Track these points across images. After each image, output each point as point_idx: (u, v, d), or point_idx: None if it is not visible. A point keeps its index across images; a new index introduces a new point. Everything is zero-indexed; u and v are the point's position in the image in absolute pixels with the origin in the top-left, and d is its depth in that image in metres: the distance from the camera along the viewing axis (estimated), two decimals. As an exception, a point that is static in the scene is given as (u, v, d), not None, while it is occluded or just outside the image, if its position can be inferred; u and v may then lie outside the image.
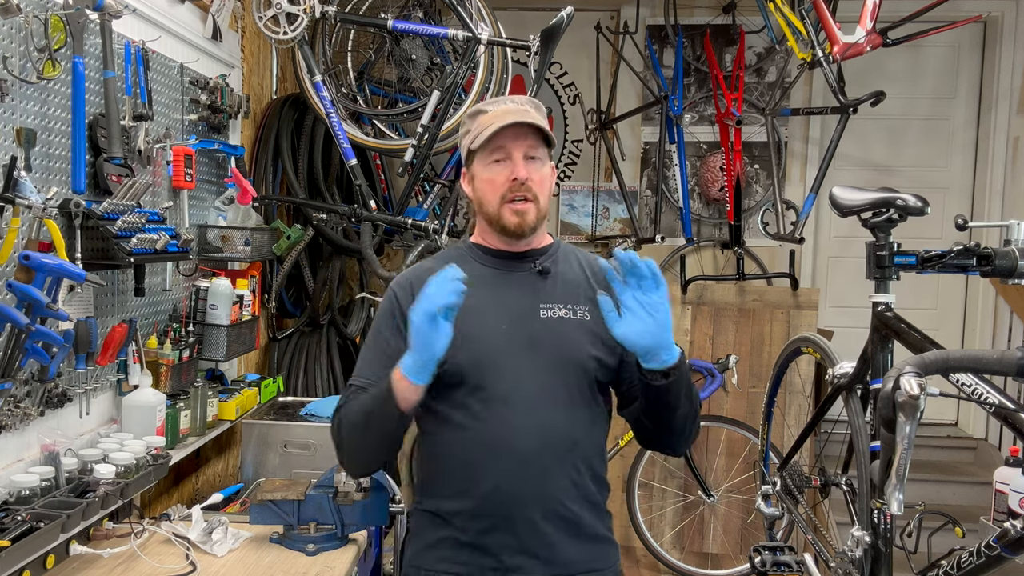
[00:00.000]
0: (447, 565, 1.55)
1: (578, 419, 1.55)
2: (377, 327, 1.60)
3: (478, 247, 1.64)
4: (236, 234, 2.80)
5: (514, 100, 1.59)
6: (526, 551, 1.52)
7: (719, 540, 3.99)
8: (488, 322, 1.54)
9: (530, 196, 1.54)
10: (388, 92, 3.64)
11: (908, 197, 1.83)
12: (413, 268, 1.65)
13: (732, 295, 4.09)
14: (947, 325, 4.62)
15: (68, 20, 1.87)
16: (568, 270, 1.62)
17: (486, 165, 1.56)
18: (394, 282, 1.64)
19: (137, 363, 2.26)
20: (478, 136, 1.54)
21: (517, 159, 1.53)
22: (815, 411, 2.26)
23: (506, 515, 1.51)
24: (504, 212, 1.55)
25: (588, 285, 1.60)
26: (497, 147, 1.54)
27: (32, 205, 1.72)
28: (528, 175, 1.53)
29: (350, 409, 1.54)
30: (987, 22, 4.51)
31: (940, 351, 1.26)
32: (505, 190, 1.54)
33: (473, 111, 1.60)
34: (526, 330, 1.54)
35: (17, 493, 1.71)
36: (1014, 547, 1.36)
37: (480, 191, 1.58)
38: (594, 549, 1.59)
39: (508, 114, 1.53)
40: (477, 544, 1.53)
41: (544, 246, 1.64)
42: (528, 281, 1.59)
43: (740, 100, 4.04)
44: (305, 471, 2.49)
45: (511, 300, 1.57)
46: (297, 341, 3.67)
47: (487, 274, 1.59)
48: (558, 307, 1.57)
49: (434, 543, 1.57)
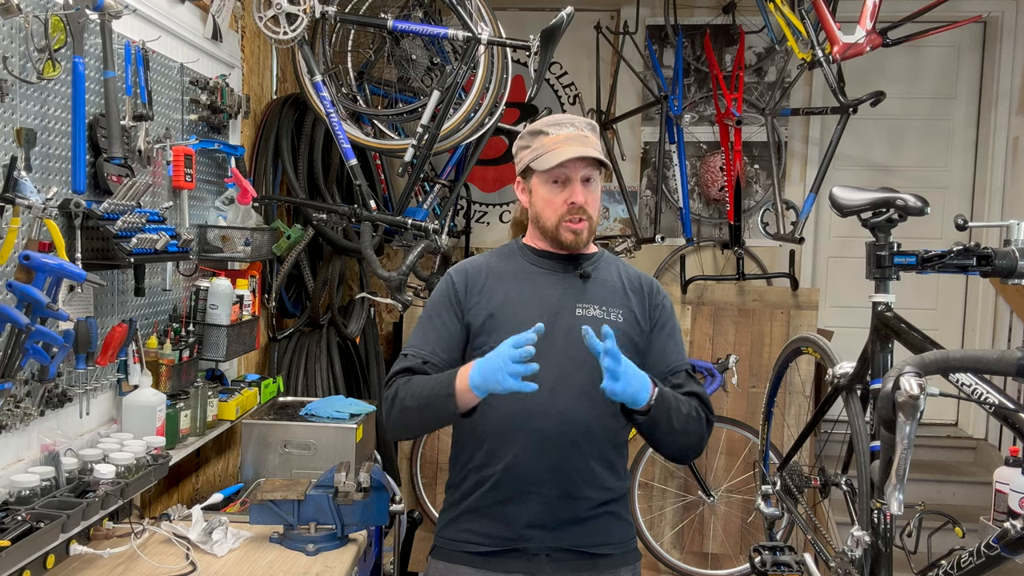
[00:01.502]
0: (469, 536, 1.69)
1: (598, 411, 1.67)
2: (434, 305, 1.76)
3: (528, 247, 1.81)
4: (236, 234, 2.80)
5: (574, 124, 1.72)
6: (539, 524, 1.66)
7: (719, 540, 3.99)
8: (528, 312, 1.68)
9: (585, 217, 1.70)
10: (388, 92, 3.63)
11: (908, 197, 1.83)
12: (468, 259, 1.85)
13: (732, 295, 4.09)
14: (947, 325, 4.62)
15: (68, 20, 1.87)
16: (608, 277, 1.78)
17: (546, 185, 1.71)
18: (452, 268, 1.82)
19: (137, 363, 2.26)
20: (541, 159, 1.68)
21: (576, 185, 1.69)
22: (815, 411, 2.25)
23: (522, 489, 1.66)
24: (561, 230, 1.71)
25: (624, 292, 1.76)
26: (560, 171, 1.68)
27: (32, 205, 1.72)
28: (585, 199, 1.69)
29: (409, 391, 1.64)
30: (987, 22, 4.51)
31: (940, 351, 1.25)
32: (564, 212, 1.70)
33: (534, 129, 1.75)
34: (562, 324, 1.68)
35: (17, 493, 1.71)
36: (1014, 547, 1.36)
37: (539, 207, 1.74)
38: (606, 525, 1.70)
39: (571, 141, 1.68)
40: (493, 514, 1.67)
41: (589, 253, 1.80)
42: (569, 282, 1.75)
43: (740, 100, 4.04)
44: (305, 471, 2.49)
45: (552, 296, 1.72)
46: (297, 341, 3.67)
47: (533, 272, 1.76)
48: (593, 307, 1.72)
49: (459, 516, 1.72)
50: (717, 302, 4.10)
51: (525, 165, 1.74)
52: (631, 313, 1.74)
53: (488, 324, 1.70)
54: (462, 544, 1.70)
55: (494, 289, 1.73)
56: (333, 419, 2.67)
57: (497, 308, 1.71)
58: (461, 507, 1.72)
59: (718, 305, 4.09)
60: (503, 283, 1.74)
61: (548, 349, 1.59)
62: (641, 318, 1.75)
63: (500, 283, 1.74)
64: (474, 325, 1.71)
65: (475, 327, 1.71)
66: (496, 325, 1.68)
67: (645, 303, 1.77)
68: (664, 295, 1.81)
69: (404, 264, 3.13)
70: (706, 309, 4.09)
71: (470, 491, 1.70)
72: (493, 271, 1.77)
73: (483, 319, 1.70)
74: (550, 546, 1.66)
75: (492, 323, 1.69)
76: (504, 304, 1.71)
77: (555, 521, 1.66)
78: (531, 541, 1.66)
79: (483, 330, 1.70)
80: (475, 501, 1.69)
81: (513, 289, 1.73)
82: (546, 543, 1.66)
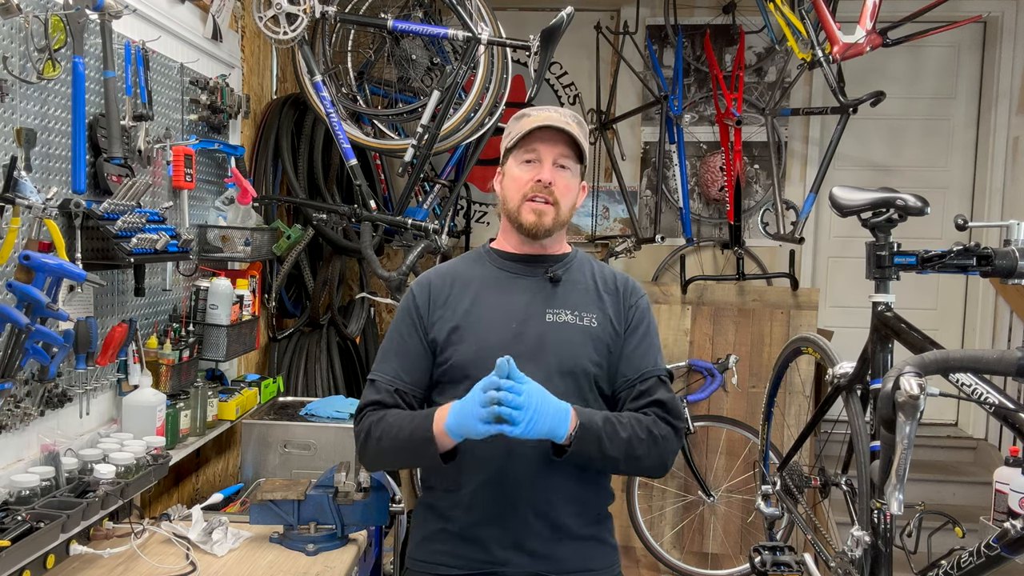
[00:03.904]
0: (441, 557, 1.60)
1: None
2: (397, 324, 1.67)
3: (495, 251, 1.71)
4: (236, 234, 2.80)
5: (559, 111, 1.64)
6: (516, 546, 1.57)
7: (719, 540, 3.99)
8: (495, 322, 1.59)
9: (551, 200, 1.60)
10: (388, 92, 3.63)
11: (908, 197, 1.83)
12: (433, 268, 1.73)
13: (732, 295, 4.10)
14: (947, 325, 4.62)
15: (68, 20, 1.87)
16: (580, 278, 1.67)
17: (518, 165, 1.62)
18: (415, 282, 1.70)
19: (137, 363, 2.26)
20: (513, 135, 1.61)
21: (546, 162, 1.60)
22: (815, 411, 2.25)
23: (497, 510, 1.56)
24: (523, 210, 1.60)
25: (597, 294, 1.66)
26: (530, 148, 1.60)
27: (32, 205, 1.72)
28: (553, 179, 1.59)
29: (385, 431, 1.56)
30: (987, 22, 4.51)
31: (940, 351, 1.25)
32: (528, 189, 1.59)
33: (519, 114, 1.67)
34: (531, 332, 1.59)
35: (17, 493, 1.71)
36: (1014, 547, 1.36)
37: (506, 187, 1.65)
38: (587, 550, 1.61)
39: (548, 119, 1.59)
40: (468, 536, 1.58)
41: (560, 254, 1.69)
42: (538, 286, 1.64)
43: (740, 100, 4.04)
44: (305, 471, 2.49)
45: (519, 303, 1.62)
46: (297, 341, 3.67)
47: (500, 277, 1.66)
48: (564, 312, 1.62)
49: (430, 535, 1.63)
50: (717, 302, 4.10)
51: (503, 150, 1.66)
52: (605, 316, 1.63)
53: (453, 337, 1.59)
54: (435, 566, 1.60)
55: (459, 298, 1.63)
56: (333, 419, 2.67)
57: (462, 319, 1.60)
58: (434, 527, 1.62)
59: (718, 305, 4.09)
60: (468, 291, 1.64)
61: (518, 362, 1.47)
62: (616, 321, 1.64)
63: (465, 291, 1.63)
64: (439, 340, 1.60)
65: (440, 341, 1.60)
66: (461, 337, 1.58)
67: (620, 305, 1.66)
68: (641, 295, 1.69)
69: (404, 264, 3.13)
70: (706, 309, 4.09)
71: (444, 511, 1.61)
72: (460, 278, 1.66)
73: (447, 332, 1.59)
74: (528, 571, 1.56)
75: (457, 335, 1.59)
76: (469, 313, 1.60)
77: (533, 544, 1.56)
78: (508, 565, 1.56)
79: (449, 343, 1.59)
80: (448, 522, 1.60)
81: (479, 297, 1.62)
82: (524, 568, 1.56)
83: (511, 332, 1.58)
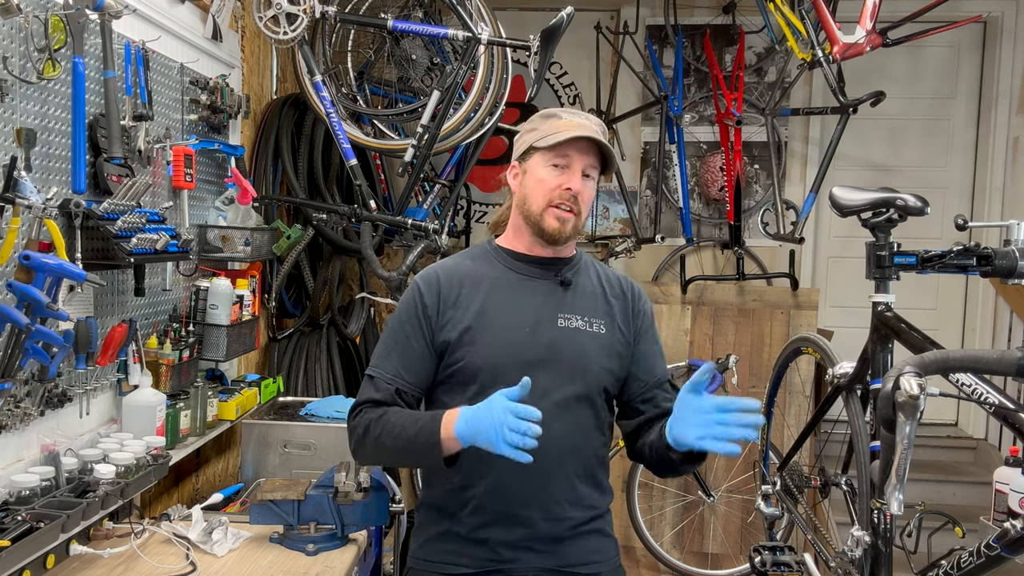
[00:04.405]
0: (447, 556, 1.60)
1: (582, 427, 1.61)
2: (399, 320, 1.63)
3: (504, 250, 1.68)
4: (236, 234, 2.80)
5: (589, 118, 1.64)
6: (523, 545, 1.58)
7: (719, 540, 3.99)
8: (507, 325, 1.59)
9: (575, 209, 1.60)
10: (388, 92, 3.63)
11: (908, 197, 1.83)
12: (438, 265, 1.70)
13: (732, 295, 4.10)
14: (947, 325, 4.62)
15: (68, 20, 1.87)
16: (587, 283, 1.68)
17: (545, 166, 1.60)
18: (420, 277, 1.67)
19: (137, 363, 2.26)
20: (548, 136, 1.59)
21: (576, 171, 1.59)
22: (815, 411, 2.26)
23: (504, 511, 1.57)
24: (547, 215, 1.59)
25: (605, 299, 1.67)
26: (563, 154, 1.59)
27: (32, 205, 1.72)
28: (580, 190, 1.59)
29: (385, 429, 1.53)
30: (987, 22, 4.50)
31: (940, 351, 1.25)
32: (555, 196, 1.58)
33: (547, 113, 1.65)
34: (543, 337, 1.59)
35: (17, 493, 1.71)
36: (1014, 547, 1.36)
37: (529, 188, 1.62)
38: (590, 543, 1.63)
39: (584, 128, 1.58)
40: (476, 538, 1.58)
41: (568, 257, 1.69)
42: (549, 289, 1.64)
43: (740, 100, 4.04)
44: (305, 471, 2.49)
45: (531, 306, 1.62)
46: (297, 341, 3.67)
47: (512, 278, 1.65)
48: (576, 318, 1.62)
49: (435, 536, 1.63)
50: (717, 302, 4.10)
51: (527, 146, 1.63)
52: (613, 322, 1.65)
53: (465, 338, 1.57)
54: (439, 565, 1.60)
55: (470, 298, 1.60)
56: (333, 419, 2.67)
57: (474, 319, 1.58)
58: (438, 528, 1.62)
59: (718, 305, 4.09)
60: (479, 291, 1.61)
61: (529, 365, 1.51)
62: (623, 326, 1.66)
63: (476, 291, 1.61)
64: (451, 341, 1.58)
65: (452, 342, 1.58)
66: (473, 338, 1.57)
67: (628, 310, 1.68)
68: (645, 300, 1.72)
69: (404, 264, 3.13)
70: (706, 309, 4.09)
71: (450, 513, 1.60)
72: (468, 277, 1.63)
73: (460, 332, 1.57)
74: (535, 567, 1.58)
75: (469, 336, 1.57)
76: (481, 314, 1.58)
77: (540, 542, 1.58)
78: (515, 563, 1.58)
79: (460, 344, 1.57)
80: (455, 524, 1.60)
81: (490, 297, 1.60)
82: (531, 564, 1.58)
83: (524, 335, 1.58)
